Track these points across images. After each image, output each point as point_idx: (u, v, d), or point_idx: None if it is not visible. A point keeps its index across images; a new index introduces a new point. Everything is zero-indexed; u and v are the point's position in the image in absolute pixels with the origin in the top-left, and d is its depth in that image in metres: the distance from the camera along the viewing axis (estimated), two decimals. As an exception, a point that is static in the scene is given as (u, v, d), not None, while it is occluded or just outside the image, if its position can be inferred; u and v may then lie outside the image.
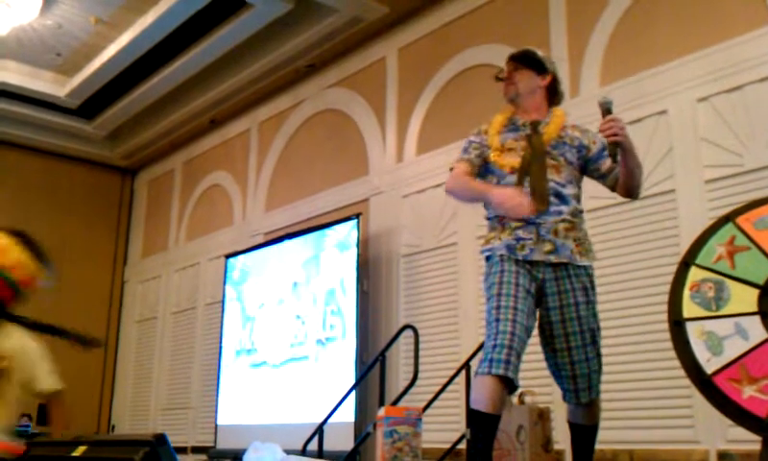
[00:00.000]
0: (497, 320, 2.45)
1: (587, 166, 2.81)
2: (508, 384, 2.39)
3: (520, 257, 2.56)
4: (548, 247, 2.57)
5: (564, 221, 2.61)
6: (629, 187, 2.69)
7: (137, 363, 8.92)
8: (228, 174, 8.21)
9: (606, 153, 2.71)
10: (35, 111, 8.62)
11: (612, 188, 2.78)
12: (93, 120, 8.89)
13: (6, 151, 9.03)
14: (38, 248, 3.07)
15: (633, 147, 2.66)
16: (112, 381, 9.16)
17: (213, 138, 8.55)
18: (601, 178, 2.81)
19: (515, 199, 2.54)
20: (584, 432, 2.72)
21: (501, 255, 2.57)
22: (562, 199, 2.65)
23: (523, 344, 2.45)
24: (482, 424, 2.37)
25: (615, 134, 2.56)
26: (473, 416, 2.41)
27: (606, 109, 2.69)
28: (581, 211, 2.75)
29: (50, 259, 3.03)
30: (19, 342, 2.95)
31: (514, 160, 2.69)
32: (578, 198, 2.75)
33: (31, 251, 3.02)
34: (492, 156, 2.75)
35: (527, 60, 2.96)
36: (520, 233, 2.59)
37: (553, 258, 2.56)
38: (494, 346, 2.40)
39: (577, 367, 2.55)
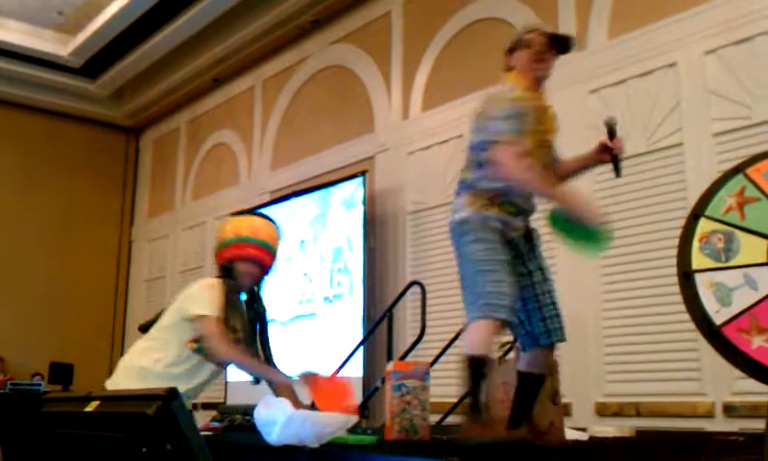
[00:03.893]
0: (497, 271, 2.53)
1: None
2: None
3: (507, 237, 2.63)
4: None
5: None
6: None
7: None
8: (232, 132, 8.18)
9: None
10: (37, 71, 8.58)
11: None
12: (97, 79, 8.85)
13: (9, 111, 9.01)
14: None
15: None
16: (122, 340, 9.24)
17: (217, 96, 8.51)
18: None
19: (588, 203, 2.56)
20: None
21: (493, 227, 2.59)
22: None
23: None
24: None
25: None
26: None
27: (612, 129, 2.75)
28: None
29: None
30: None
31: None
32: None
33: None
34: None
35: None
36: (514, 221, 2.64)
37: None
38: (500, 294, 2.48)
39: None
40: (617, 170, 2.73)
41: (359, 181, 5.96)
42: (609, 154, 2.74)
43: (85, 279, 9.21)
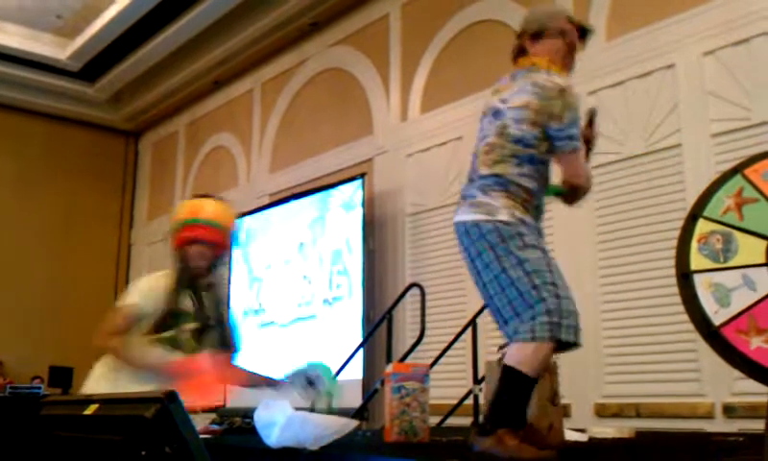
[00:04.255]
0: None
1: None
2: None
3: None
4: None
5: None
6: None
7: (146, 325, 8.98)
8: (231, 135, 8.18)
9: None
10: (36, 75, 8.58)
11: None
12: (95, 83, 8.85)
13: (7, 115, 9.01)
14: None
15: None
16: (121, 343, 9.23)
17: (216, 99, 8.51)
18: None
19: None
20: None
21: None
22: None
23: None
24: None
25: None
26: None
27: (592, 118, 2.62)
28: None
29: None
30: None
31: None
32: None
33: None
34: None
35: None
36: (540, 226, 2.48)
37: None
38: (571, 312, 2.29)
39: None
40: (586, 157, 2.59)
41: (358, 183, 5.96)
42: (582, 139, 2.55)
43: (85, 282, 9.20)
